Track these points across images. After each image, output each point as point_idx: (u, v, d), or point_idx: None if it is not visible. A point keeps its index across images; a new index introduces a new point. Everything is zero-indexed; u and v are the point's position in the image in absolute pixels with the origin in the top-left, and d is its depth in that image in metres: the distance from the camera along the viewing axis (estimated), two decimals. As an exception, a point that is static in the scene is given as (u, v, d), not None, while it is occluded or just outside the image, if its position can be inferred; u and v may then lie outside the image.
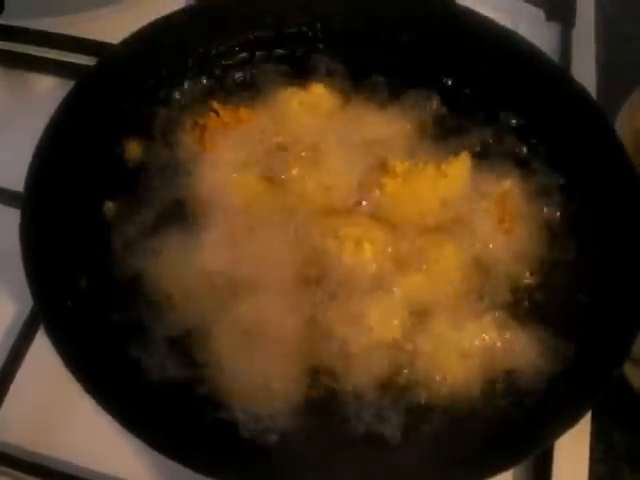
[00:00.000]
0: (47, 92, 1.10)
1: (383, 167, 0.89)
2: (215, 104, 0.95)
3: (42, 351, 0.84)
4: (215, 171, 0.90)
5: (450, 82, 1.00)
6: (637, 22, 1.30)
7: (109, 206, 0.88)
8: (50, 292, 0.78)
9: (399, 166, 0.88)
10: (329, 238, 0.83)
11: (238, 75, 1.01)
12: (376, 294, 0.82)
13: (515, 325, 0.83)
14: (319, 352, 0.80)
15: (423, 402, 0.78)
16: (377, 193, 0.88)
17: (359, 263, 0.83)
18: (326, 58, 1.01)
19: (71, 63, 1.11)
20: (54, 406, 0.85)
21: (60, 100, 0.88)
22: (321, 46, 1.03)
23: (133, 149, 0.93)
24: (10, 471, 0.79)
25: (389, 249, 0.84)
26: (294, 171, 0.90)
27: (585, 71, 1.14)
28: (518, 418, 0.77)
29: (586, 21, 1.23)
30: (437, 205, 0.88)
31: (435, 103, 0.98)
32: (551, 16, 1.21)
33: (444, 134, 0.95)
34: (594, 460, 0.84)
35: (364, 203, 0.88)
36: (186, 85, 0.99)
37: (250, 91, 0.99)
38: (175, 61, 0.99)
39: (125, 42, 0.94)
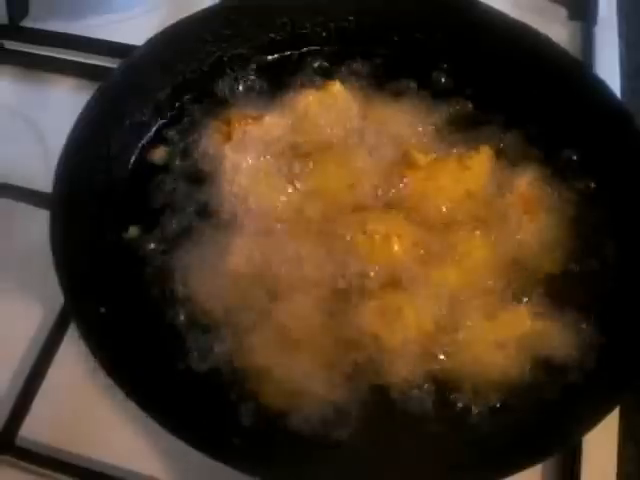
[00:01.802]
0: (70, 93, 1.11)
1: (406, 161, 0.89)
2: (235, 112, 0.95)
3: (70, 351, 0.86)
4: (240, 176, 0.90)
5: (469, 79, 1.00)
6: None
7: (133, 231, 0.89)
8: (83, 297, 0.79)
9: (422, 159, 0.88)
10: (357, 234, 0.83)
11: (255, 79, 1.01)
12: (408, 288, 0.82)
13: (547, 315, 0.82)
14: (355, 350, 0.79)
15: (459, 394, 0.78)
16: (401, 187, 0.88)
17: (389, 258, 0.83)
18: (341, 57, 1.02)
19: (91, 65, 1.12)
20: (82, 405, 0.85)
21: (82, 101, 0.88)
22: (336, 46, 1.04)
23: (158, 155, 0.94)
24: (40, 469, 0.80)
25: (418, 243, 0.84)
26: (318, 170, 0.90)
27: (608, 69, 1.13)
28: (549, 411, 0.77)
29: (609, 19, 1.22)
30: (462, 198, 0.88)
31: (454, 99, 0.98)
32: (573, 14, 1.20)
33: (465, 129, 0.95)
34: (623, 458, 0.83)
35: (389, 198, 0.88)
36: (204, 91, 1.00)
37: (268, 94, 0.99)
38: (191, 67, 1.00)
39: (144, 47, 0.95)
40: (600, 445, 0.82)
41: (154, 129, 0.96)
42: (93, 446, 0.83)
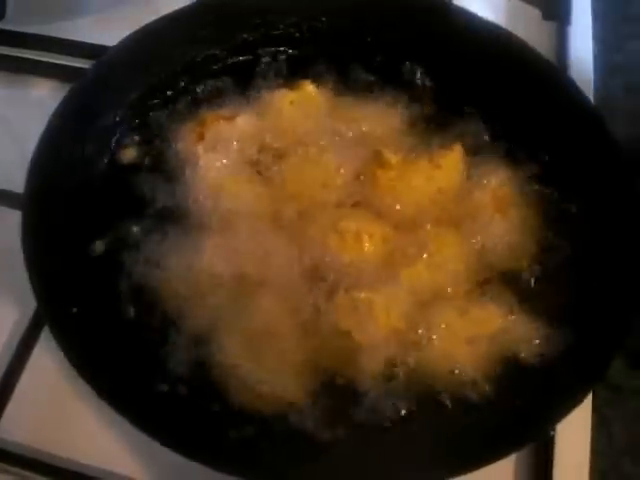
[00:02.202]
0: (47, 95, 1.11)
1: (377, 160, 0.89)
2: (208, 112, 0.96)
3: (45, 352, 0.87)
4: (212, 175, 0.91)
5: (441, 79, 1.00)
6: (634, 20, 1.30)
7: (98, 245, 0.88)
8: (55, 297, 0.79)
9: (393, 158, 0.88)
10: (329, 233, 0.84)
11: (228, 79, 1.01)
12: (379, 286, 0.82)
13: (517, 311, 0.83)
14: (326, 346, 0.80)
15: (431, 391, 0.79)
16: (373, 186, 0.88)
17: (360, 256, 0.83)
18: (314, 58, 1.02)
19: (69, 66, 1.12)
20: (57, 405, 0.85)
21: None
22: (309, 46, 1.04)
23: (129, 154, 0.94)
24: (16, 470, 0.80)
25: (389, 241, 0.85)
26: (290, 170, 0.91)
27: (582, 68, 1.14)
28: (520, 404, 0.78)
29: (583, 19, 1.22)
30: (433, 196, 0.88)
31: (426, 98, 0.98)
32: (547, 14, 1.21)
33: (436, 128, 0.96)
34: (595, 452, 0.84)
35: (361, 197, 0.89)
36: (177, 91, 1.00)
37: (241, 94, 0.99)
38: (164, 68, 1.00)
39: (116, 48, 0.95)
40: (573, 437, 0.83)
41: (127, 129, 0.96)
42: (69, 446, 0.83)
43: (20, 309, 0.91)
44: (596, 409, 0.86)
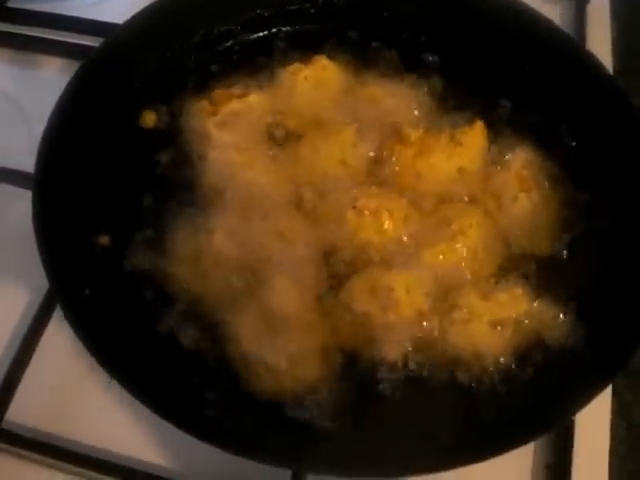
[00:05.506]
0: (56, 73, 1.10)
1: (397, 136, 0.88)
2: (220, 90, 0.94)
3: (57, 333, 0.86)
4: (225, 154, 0.89)
5: (461, 54, 0.99)
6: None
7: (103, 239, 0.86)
8: (67, 278, 0.78)
9: (413, 134, 0.87)
10: (346, 211, 0.82)
11: (241, 55, 1.01)
12: (400, 266, 0.80)
13: (541, 296, 0.81)
14: (344, 329, 0.79)
15: (453, 375, 0.77)
16: (393, 163, 0.87)
17: (379, 234, 0.82)
18: (330, 33, 1.01)
19: (78, 44, 1.11)
20: (68, 389, 0.85)
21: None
22: (324, 22, 1.03)
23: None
24: (26, 452, 0.80)
25: (409, 219, 0.83)
26: (306, 147, 0.90)
27: (600, 48, 1.12)
28: (541, 390, 0.77)
29: (601, -1, 1.21)
30: (454, 174, 0.87)
31: (446, 74, 0.97)
32: (566, -8, 1.20)
33: (457, 104, 0.95)
34: (615, 438, 0.83)
35: (380, 174, 0.87)
36: (189, 68, 0.99)
37: (255, 70, 0.98)
38: (176, 44, 0.99)
39: (127, 24, 0.95)
40: (593, 422, 0.82)
41: (138, 107, 0.95)
42: (80, 428, 0.82)
43: (32, 290, 0.90)
44: (616, 394, 0.85)
